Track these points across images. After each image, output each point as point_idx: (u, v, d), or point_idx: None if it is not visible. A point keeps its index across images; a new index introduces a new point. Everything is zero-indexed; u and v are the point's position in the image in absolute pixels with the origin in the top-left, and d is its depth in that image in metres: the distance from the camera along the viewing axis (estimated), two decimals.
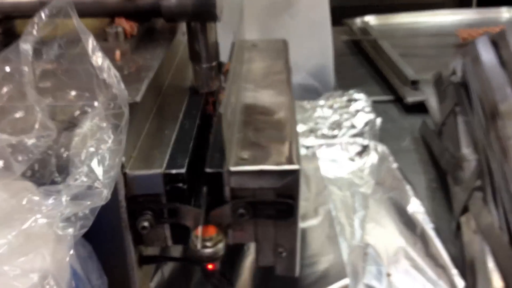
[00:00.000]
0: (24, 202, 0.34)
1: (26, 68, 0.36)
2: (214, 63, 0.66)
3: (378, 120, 1.01)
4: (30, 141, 0.35)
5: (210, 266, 0.52)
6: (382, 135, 1.01)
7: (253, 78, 0.67)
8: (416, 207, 0.76)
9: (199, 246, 0.48)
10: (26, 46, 0.36)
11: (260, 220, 0.50)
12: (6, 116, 0.39)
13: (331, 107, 1.10)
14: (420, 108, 1.12)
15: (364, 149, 0.93)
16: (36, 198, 0.33)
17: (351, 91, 1.14)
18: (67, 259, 0.34)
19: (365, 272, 0.67)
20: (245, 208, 0.48)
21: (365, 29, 1.57)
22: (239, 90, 0.64)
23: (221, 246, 0.49)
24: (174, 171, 0.49)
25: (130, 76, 0.49)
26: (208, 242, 0.48)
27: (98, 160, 0.36)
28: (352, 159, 0.92)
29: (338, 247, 0.68)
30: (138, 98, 0.44)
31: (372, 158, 0.91)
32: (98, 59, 0.39)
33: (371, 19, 1.66)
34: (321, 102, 1.12)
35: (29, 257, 0.32)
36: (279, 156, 0.49)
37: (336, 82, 1.29)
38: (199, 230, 0.48)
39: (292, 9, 1.21)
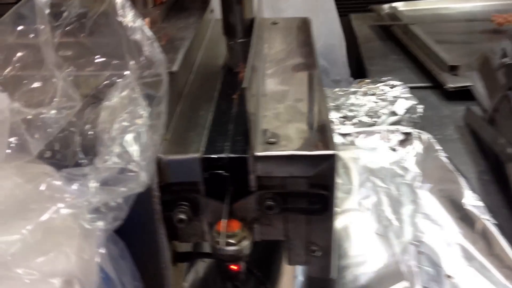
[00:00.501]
0: (42, 188, 0.27)
1: (42, 26, 0.29)
2: (250, 38, 0.59)
3: (420, 107, 0.93)
4: (49, 115, 0.29)
5: (233, 267, 0.45)
6: (422, 124, 0.93)
7: (277, 58, 0.60)
8: (472, 201, 0.68)
9: (221, 243, 0.41)
10: None
11: (291, 214, 0.43)
12: (20, 86, 0.33)
13: (365, 94, 1.02)
14: (460, 94, 1.04)
15: (407, 138, 0.85)
16: (58, 183, 0.26)
17: (385, 78, 1.06)
18: (96, 259, 0.27)
19: (421, 274, 0.59)
20: (273, 199, 0.42)
21: (394, 15, 1.49)
22: (262, 70, 0.57)
23: (246, 243, 0.42)
24: (214, 156, 0.42)
25: (162, 46, 0.42)
26: (231, 238, 0.41)
27: (133, 138, 0.28)
28: (393, 149, 0.85)
29: (390, 245, 0.61)
30: (175, 68, 0.37)
31: (416, 147, 0.83)
32: (129, 16, 0.32)
33: (399, 5, 1.58)
34: (354, 89, 1.04)
35: (49, 257, 0.26)
36: (312, 139, 0.42)
37: (364, 68, 1.22)
38: (222, 224, 0.41)
39: None
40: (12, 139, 0.28)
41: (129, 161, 0.28)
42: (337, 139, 0.86)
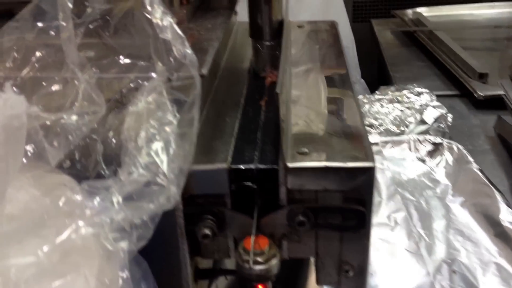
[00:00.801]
0: (61, 203, 0.24)
1: (64, 23, 0.27)
2: (279, 41, 0.56)
3: (449, 116, 0.89)
4: (70, 120, 0.26)
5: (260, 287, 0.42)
6: (451, 133, 0.89)
7: (305, 62, 0.57)
8: (510, 217, 0.64)
9: (249, 262, 0.38)
10: None
11: (323, 231, 0.40)
12: (39, 88, 0.30)
13: (390, 101, 0.98)
14: (490, 103, 1.00)
15: (436, 148, 0.81)
16: (78, 197, 0.23)
17: (411, 85, 1.03)
18: (120, 282, 0.24)
19: None
20: (304, 215, 0.38)
21: (418, 20, 1.45)
22: (291, 74, 0.54)
23: (274, 262, 0.39)
24: (242, 166, 0.39)
25: (191, 47, 0.39)
26: (259, 257, 0.38)
27: (161, 147, 0.25)
28: (422, 159, 0.81)
29: (422, 263, 0.57)
30: (204, 71, 0.34)
31: (446, 158, 0.79)
32: (158, 14, 0.29)
33: (423, 10, 1.54)
34: (378, 96, 1.01)
35: (66, 281, 0.23)
36: (347, 150, 0.38)
37: (388, 75, 1.18)
38: (249, 241, 0.38)
39: None
40: (29, 147, 0.25)
41: (157, 173, 0.25)
42: None
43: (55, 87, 0.29)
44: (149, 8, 0.30)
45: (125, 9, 0.31)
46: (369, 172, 0.37)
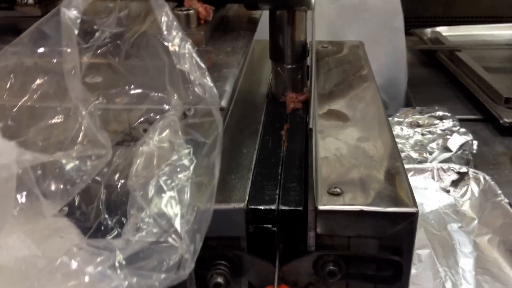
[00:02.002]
0: (56, 264, 0.20)
1: (68, 49, 0.23)
2: (300, 64, 0.52)
3: (475, 143, 0.84)
4: (69, 165, 0.22)
5: None
6: (475, 161, 0.85)
7: (331, 87, 0.53)
8: None
9: None
10: (69, 13, 0.23)
11: (354, 282, 0.36)
12: (37, 121, 0.26)
13: (411, 125, 0.94)
14: None
15: (462, 178, 0.76)
16: (74, 263, 0.19)
17: (432, 108, 0.98)
18: None
19: None
20: (335, 263, 0.34)
21: (438, 40, 1.41)
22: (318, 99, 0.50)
23: None
24: (262, 207, 0.36)
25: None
26: None
27: (174, 198, 0.22)
28: (446, 190, 0.76)
29: None
30: (224, 103, 0.30)
31: (472, 189, 0.75)
32: (176, 39, 0.26)
33: (442, 29, 1.50)
34: (398, 119, 0.96)
35: None
36: (385, 191, 0.35)
37: (408, 97, 1.14)
38: None
39: (365, 13, 1.06)
40: (20, 197, 0.21)
41: (168, 231, 0.21)
42: None
43: (55, 120, 0.26)
44: (165, 33, 0.26)
45: (138, 32, 0.28)
46: (411, 219, 0.33)
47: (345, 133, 0.42)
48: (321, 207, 0.33)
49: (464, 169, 0.77)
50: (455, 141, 0.83)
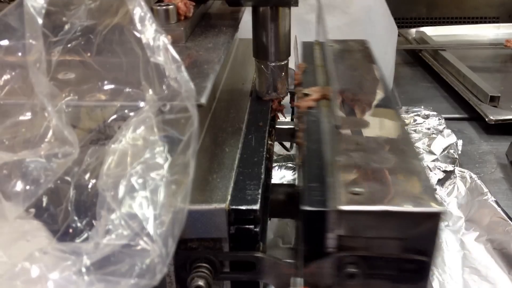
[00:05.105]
0: (17, 270, 0.19)
1: (33, 41, 0.22)
2: (284, 62, 0.51)
3: (459, 143, 0.84)
4: (36, 163, 0.20)
5: None
6: (461, 160, 0.84)
7: (342, 83, 0.52)
8: None
9: None
10: (33, 2, 0.21)
11: (376, 282, 0.35)
12: (2, 118, 0.25)
13: None
14: (501, 127, 0.95)
15: (448, 176, 0.76)
16: (36, 269, 0.18)
17: (418, 107, 0.99)
18: None
19: None
20: (356, 264, 0.33)
21: (423, 40, 1.41)
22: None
23: None
24: (244, 207, 0.35)
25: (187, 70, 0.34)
26: None
27: (147, 199, 0.20)
28: None
29: None
30: (203, 100, 0.29)
31: (458, 187, 0.74)
32: (150, 32, 0.24)
33: (427, 30, 1.51)
34: None
35: None
36: (407, 190, 0.33)
37: (393, 96, 1.14)
38: None
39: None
40: None
41: (139, 234, 0.20)
42: None
43: (22, 117, 0.24)
44: (139, 25, 0.25)
45: (110, 25, 0.26)
46: (436, 219, 0.32)
47: (362, 133, 0.40)
48: (343, 208, 0.32)
49: (450, 168, 0.77)
50: (439, 144, 0.82)
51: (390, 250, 0.33)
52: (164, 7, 0.39)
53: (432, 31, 1.51)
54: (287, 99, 0.55)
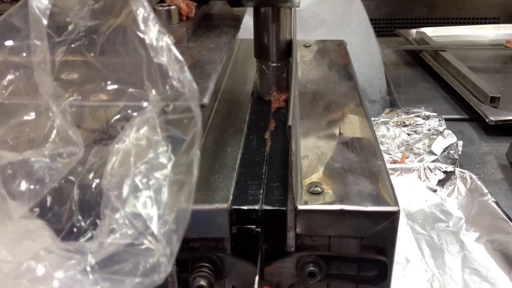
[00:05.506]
0: (22, 269, 0.19)
1: (37, 41, 0.22)
2: (285, 62, 0.51)
3: (460, 144, 0.84)
4: (41, 163, 0.21)
5: None
6: (461, 161, 0.85)
7: (313, 85, 0.52)
8: None
9: None
10: (38, 3, 0.21)
11: (336, 283, 0.36)
12: (6, 118, 0.25)
13: (397, 125, 0.94)
14: (501, 128, 0.95)
15: (448, 177, 0.76)
16: (41, 268, 0.18)
17: (418, 108, 0.99)
18: None
19: None
20: (316, 264, 0.34)
21: (423, 40, 1.42)
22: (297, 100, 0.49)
23: None
24: (245, 207, 0.35)
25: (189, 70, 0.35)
26: None
27: (151, 198, 0.20)
28: (433, 189, 0.76)
29: None
30: (205, 100, 0.29)
31: (458, 188, 0.74)
32: (153, 32, 0.24)
33: (427, 30, 1.51)
34: (384, 119, 0.96)
35: None
36: (366, 190, 0.34)
37: (393, 97, 1.15)
38: None
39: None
40: None
41: (143, 233, 0.20)
42: None
43: (26, 117, 0.24)
44: (142, 25, 0.25)
45: (114, 26, 0.26)
46: (393, 217, 0.33)
47: (327, 132, 0.42)
48: (300, 207, 0.33)
49: (450, 169, 0.77)
50: (439, 145, 0.83)
51: (349, 250, 0.33)
52: (166, 8, 0.39)
53: (432, 32, 1.51)
54: None
